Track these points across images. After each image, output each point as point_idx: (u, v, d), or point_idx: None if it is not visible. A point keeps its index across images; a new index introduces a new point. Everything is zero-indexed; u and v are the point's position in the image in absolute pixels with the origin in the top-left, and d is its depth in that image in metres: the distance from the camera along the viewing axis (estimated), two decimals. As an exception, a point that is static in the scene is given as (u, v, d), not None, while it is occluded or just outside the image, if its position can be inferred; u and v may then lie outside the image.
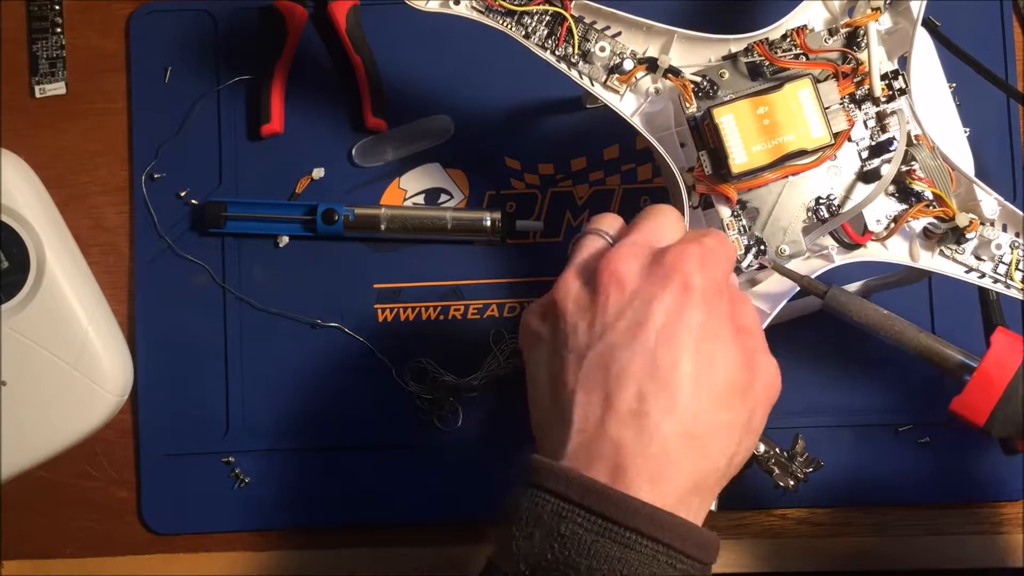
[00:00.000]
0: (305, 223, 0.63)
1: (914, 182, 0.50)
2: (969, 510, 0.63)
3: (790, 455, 0.51)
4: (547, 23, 0.51)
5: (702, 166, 0.49)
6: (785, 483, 0.52)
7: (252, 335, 0.64)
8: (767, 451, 0.50)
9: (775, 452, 0.51)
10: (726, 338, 0.40)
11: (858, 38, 0.50)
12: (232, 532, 0.64)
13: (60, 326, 0.61)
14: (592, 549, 0.35)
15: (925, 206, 0.50)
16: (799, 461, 0.52)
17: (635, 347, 0.39)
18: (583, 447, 0.38)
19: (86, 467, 0.64)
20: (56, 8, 0.66)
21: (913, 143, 0.50)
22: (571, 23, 0.50)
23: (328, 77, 0.65)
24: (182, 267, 0.64)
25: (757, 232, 0.50)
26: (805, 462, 0.52)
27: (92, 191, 0.65)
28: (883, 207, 0.50)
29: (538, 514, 0.36)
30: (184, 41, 0.66)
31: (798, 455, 0.52)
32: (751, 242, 0.50)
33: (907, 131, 0.50)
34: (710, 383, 0.39)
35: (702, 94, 0.49)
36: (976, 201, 0.51)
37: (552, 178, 0.65)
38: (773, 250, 0.50)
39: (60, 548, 0.64)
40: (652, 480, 0.37)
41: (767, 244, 0.50)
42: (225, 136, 0.65)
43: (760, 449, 0.51)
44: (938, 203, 0.50)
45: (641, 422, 0.37)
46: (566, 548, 0.35)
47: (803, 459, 0.52)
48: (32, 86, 0.66)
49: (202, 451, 0.63)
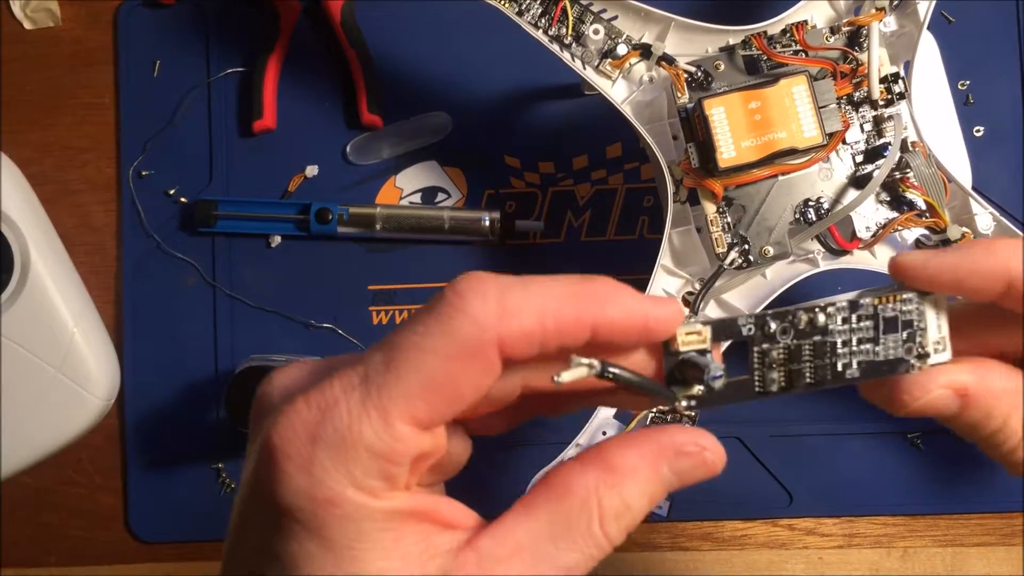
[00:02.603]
0: (298, 222, 0.63)
1: (907, 190, 0.49)
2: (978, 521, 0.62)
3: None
4: (542, 1, 0.50)
5: (689, 159, 0.48)
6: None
7: (243, 337, 0.63)
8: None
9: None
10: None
11: (860, 38, 0.49)
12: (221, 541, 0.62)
13: (45, 328, 0.60)
14: None
15: (916, 215, 0.49)
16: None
17: None
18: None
19: (71, 473, 0.63)
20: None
21: (909, 149, 0.49)
22: (566, 3, 0.50)
23: (322, 72, 0.65)
24: (171, 267, 0.63)
25: (742, 231, 0.49)
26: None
27: (78, 188, 0.65)
28: (874, 214, 0.50)
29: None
30: (174, 34, 0.65)
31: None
32: (735, 240, 0.48)
33: (903, 137, 0.49)
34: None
35: (695, 85, 0.49)
36: (971, 214, 0.50)
37: (553, 177, 0.64)
38: (757, 250, 0.49)
39: (44, 556, 0.63)
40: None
41: (751, 244, 0.49)
42: (216, 132, 0.64)
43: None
44: (931, 213, 0.49)
45: None
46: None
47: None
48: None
49: (190, 457, 0.63)
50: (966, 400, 0.29)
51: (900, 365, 0.29)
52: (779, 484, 0.61)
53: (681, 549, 0.61)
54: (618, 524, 0.26)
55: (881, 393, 0.30)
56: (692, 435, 0.27)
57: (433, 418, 0.25)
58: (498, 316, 0.24)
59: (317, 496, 0.24)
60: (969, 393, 0.29)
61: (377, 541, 0.25)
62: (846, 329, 0.29)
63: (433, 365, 0.24)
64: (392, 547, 0.25)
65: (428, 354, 0.24)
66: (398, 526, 0.25)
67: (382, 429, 0.24)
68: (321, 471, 0.24)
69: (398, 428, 0.24)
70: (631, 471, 0.26)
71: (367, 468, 0.24)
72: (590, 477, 0.26)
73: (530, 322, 0.24)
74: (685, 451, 0.26)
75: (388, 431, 0.24)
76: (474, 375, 0.25)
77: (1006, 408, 0.29)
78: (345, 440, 0.24)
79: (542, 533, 0.26)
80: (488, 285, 0.24)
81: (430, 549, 0.25)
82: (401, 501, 0.25)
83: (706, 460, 0.27)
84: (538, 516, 0.26)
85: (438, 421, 0.25)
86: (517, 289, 0.25)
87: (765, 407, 0.60)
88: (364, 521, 0.25)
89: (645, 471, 0.26)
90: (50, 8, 0.65)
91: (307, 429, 0.24)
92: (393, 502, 0.25)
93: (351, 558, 0.25)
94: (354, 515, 0.24)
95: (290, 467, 0.24)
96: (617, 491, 0.26)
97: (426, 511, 0.26)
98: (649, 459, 0.26)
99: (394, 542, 0.25)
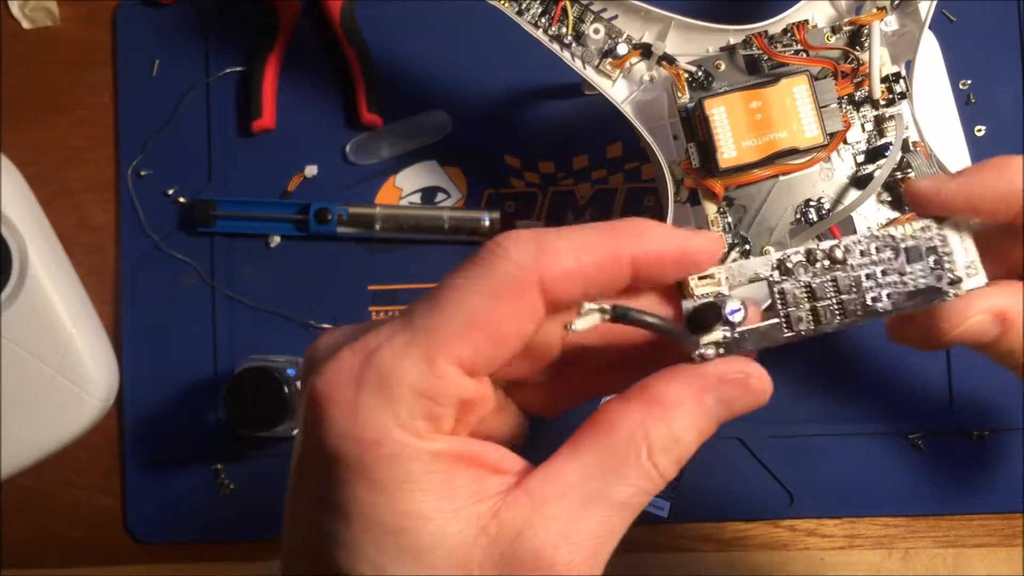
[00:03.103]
0: (297, 222, 0.63)
1: None
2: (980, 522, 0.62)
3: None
4: (542, 0, 0.50)
5: (690, 159, 0.48)
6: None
7: (242, 338, 0.63)
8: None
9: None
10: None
11: (861, 38, 0.49)
12: (220, 542, 0.63)
13: (43, 328, 0.60)
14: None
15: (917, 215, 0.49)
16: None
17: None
18: None
19: (70, 474, 0.63)
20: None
21: (910, 149, 0.49)
22: (566, 2, 0.49)
23: (322, 71, 0.65)
24: (170, 267, 0.63)
25: (743, 231, 0.49)
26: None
27: (77, 188, 0.65)
28: (875, 214, 0.50)
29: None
30: (173, 33, 0.65)
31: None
32: (736, 240, 0.48)
33: (905, 137, 0.49)
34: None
35: (696, 84, 0.49)
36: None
37: (553, 176, 0.64)
38: (758, 250, 0.49)
39: (42, 558, 0.63)
40: None
41: (752, 244, 0.49)
42: (215, 132, 0.64)
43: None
44: None
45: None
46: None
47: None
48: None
49: (189, 458, 0.62)
50: (1005, 324, 0.28)
51: (935, 294, 0.28)
52: (780, 485, 0.61)
53: (682, 550, 0.61)
54: (668, 456, 0.26)
55: (914, 326, 0.29)
56: (736, 364, 0.27)
57: (477, 360, 0.25)
58: (536, 257, 0.25)
59: (363, 438, 0.24)
60: (1008, 317, 0.28)
61: (426, 482, 0.25)
62: (866, 262, 0.28)
63: (476, 304, 0.25)
64: (441, 488, 0.25)
65: (472, 294, 0.25)
66: (446, 468, 0.25)
67: (426, 368, 0.24)
68: (365, 413, 0.24)
69: (442, 367, 0.24)
70: (676, 403, 0.26)
71: (411, 408, 0.24)
72: (635, 412, 0.26)
73: (568, 261, 0.25)
74: (729, 379, 0.26)
75: (432, 370, 0.24)
76: (517, 315, 0.25)
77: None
78: (389, 380, 0.24)
79: (591, 470, 0.25)
80: (526, 234, 0.25)
81: (480, 492, 0.25)
82: (447, 444, 0.25)
83: (752, 387, 0.26)
84: (586, 454, 0.26)
85: (482, 364, 0.25)
86: (553, 235, 0.25)
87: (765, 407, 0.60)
88: (411, 461, 0.24)
89: (690, 402, 0.26)
90: (48, 7, 0.65)
91: (351, 374, 0.25)
92: (439, 444, 0.25)
93: (401, 500, 0.24)
94: (400, 455, 0.24)
95: (335, 412, 0.25)
96: (664, 423, 0.26)
97: (474, 455, 0.26)
98: (694, 390, 0.26)
99: (443, 484, 0.25)
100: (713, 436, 0.27)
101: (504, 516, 0.25)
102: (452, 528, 0.25)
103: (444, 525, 0.25)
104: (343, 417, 0.25)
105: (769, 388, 0.27)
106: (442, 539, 0.25)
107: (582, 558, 0.25)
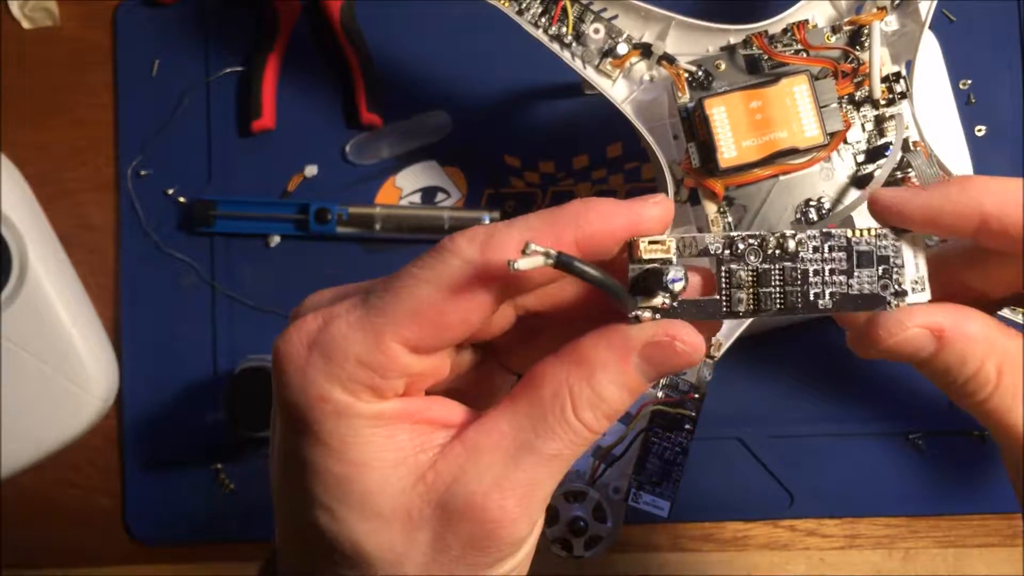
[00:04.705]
0: (297, 222, 0.63)
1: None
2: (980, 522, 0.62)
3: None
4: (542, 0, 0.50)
5: (690, 159, 0.48)
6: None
7: (242, 337, 0.63)
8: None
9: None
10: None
11: (861, 37, 0.49)
12: (220, 542, 0.63)
13: (43, 329, 0.60)
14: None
15: None
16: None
17: None
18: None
19: (69, 474, 0.63)
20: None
21: (910, 149, 0.49)
22: (567, 2, 0.49)
23: (322, 71, 0.65)
24: (170, 267, 0.63)
25: (743, 231, 0.48)
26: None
27: (77, 189, 0.65)
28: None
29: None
30: (173, 33, 0.65)
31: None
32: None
33: (905, 136, 0.48)
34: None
35: (696, 84, 0.49)
36: None
37: (553, 176, 0.64)
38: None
39: (42, 558, 0.63)
40: None
41: None
42: (215, 132, 0.64)
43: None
44: None
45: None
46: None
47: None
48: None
49: (189, 458, 0.62)
50: (942, 342, 0.28)
51: (876, 302, 0.29)
52: (780, 485, 0.61)
53: (682, 550, 0.61)
54: (593, 413, 0.27)
55: (855, 329, 0.30)
56: (663, 327, 0.27)
57: (421, 342, 0.27)
58: (481, 252, 0.26)
59: (310, 392, 0.27)
60: (945, 336, 0.28)
61: (369, 436, 0.27)
62: (817, 259, 0.29)
63: (424, 294, 0.27)
64: (384, 442, 0.27)
65: (422, 284, 0.27)
66: (389, 424, 0.27)
67: (372, 344, 0.27)
68: (313, 371, 0.27)
69: (388, 344, 0.27)
70: (600, 363, 0.27)
71: (353, 374, 0.27)
72: (561, 369, 0.27)
73: (512, 253, 0.26)
74: (655, 341, 0.27)
75: (378, 347, 0.27)
76: (460, 307, 0.27)
77: (981, 353, 0.28)
78: (338, 347, 0.27)
79: (523, 423, 0.27)
80: (477, 230, 0.27)
81: (424, 444, 0.28)
82: (390, 404, 0.27)
83: (676, 350, 0.27)
84: (519, 408, 0.28)
85: (427, 346, 0.27)
86: (502, 227, 0.27)
87: (765, 407, 0.60)
88: (354, 418, 0.27)
89: (614, 363, 0.27)
90: (48, 7, 0.65)
91: (309, 337, 0.27)
92: (380, 405, 0.27)
93: (346, 451, 0.27)
94: (345, 412, 0.27)
95: (289, 367, 0.27)
96: (587, 382, 0.27)
97: (416, 412, 0.28)
98: (618, 351, 0.27)
99: (386, 439, 0.27)
100: (713, 436, 0.27)
101: (440, 465, 0.27)
102: (393, 476, 0.27)
103: (386, 474, 0.27)
104: (295, 373, 0.27)
105: (697, 351, 0.27)
106: (385, 485, 0.27)
107: (513, 503, 0.27)
